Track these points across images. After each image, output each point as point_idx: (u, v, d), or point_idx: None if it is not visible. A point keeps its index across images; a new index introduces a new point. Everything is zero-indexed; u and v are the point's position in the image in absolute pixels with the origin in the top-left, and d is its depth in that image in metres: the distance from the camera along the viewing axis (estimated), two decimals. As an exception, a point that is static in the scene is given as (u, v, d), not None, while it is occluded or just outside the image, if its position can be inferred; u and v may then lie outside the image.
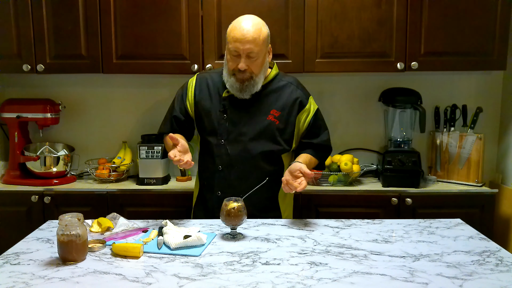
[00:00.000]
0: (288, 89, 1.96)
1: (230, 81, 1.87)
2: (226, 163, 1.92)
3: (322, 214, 2.43)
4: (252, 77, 1.85)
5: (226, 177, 1.93)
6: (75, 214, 1.47)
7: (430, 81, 2.75)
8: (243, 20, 1.84)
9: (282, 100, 1.94)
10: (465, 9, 2.41)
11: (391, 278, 1.33)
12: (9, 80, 2.81)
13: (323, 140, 2.02)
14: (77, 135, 2.84)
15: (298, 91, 1.97)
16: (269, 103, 1.93)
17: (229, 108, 1.92)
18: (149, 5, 2.45)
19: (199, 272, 1.37)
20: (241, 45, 1.79)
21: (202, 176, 2.03)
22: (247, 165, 1.91)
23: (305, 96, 1.99)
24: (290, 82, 1.98)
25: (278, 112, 1.92)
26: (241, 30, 1.80)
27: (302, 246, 1.58)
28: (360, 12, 2.43)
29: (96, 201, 2.48)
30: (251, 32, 1.80)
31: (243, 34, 1.79)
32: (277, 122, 1.92)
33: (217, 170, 1.94)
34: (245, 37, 1.79)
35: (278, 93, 1.95)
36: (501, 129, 2.76)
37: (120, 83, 2.80)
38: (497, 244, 1.59)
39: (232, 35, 1.82)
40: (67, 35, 2.49)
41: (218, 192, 1.94)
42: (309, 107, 1.98)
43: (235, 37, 1.80)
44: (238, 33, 1.80)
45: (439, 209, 2.44)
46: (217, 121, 1.93)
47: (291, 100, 1.94)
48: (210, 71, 2.07)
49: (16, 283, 1.30)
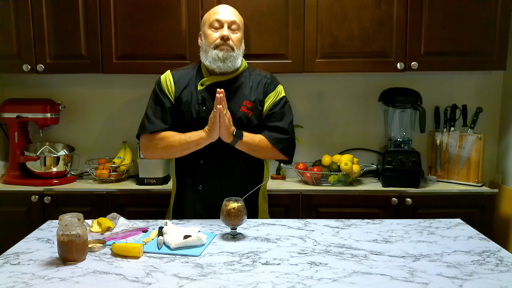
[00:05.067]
0: (257, 79, 2.00)
1: (213, 54, 1.89)
2: (207, 155, 1.91)
3: (322, 214, 2.43)
4: (233, 49, 1.90)
5: (207, 170, 1.92)
6: (75, 214, 1.47)
7: (430, 81, 2.75)
8: (220, 4, 2.03)
9: (254, 91, 1.97)
10: (465, 9, 2.41)
11: (391, 278, 1.33)
12: (9, 80, 2.81)
13: (280, 123, 1.95)
14: (77, 135, 2.85)
15: (266, 79, 2.00)
16: (242, 94, 1.95)
17: (208, 99, 1.93)
18: (149, 5, 2.45)
19: (199, 272, 1.37)
20: (224, 16, 1.91)
21: (181, 173, 2.00)
22: (227, 157, 1.91)
23: (274, 83, 2.02)
24: (259, 73, 2.03)
25: (250, 103, 1.94)
26: (223, 7, 1.97)
27: (302, 246, 1.58)
28: (360, 12, 2.43)
29: (96, 201, 2.48)
30: (231, 8, 1.97)
31: (225, 9, 1.95)
32: (250, 113, 1.94)
33: (198, 164, 1.93)
34: (227, 11, 1.94)
35: (250, 84, 1.97)
36: (501, 129, 2.77)
37: (120, 83, 2.80)
38: (497, 244, 1.59)
39: (212, 11, 1.95)
40: (67, 35, 2.49)
41: (200, 186, 1.94)
42: (275, 93, 1.99)
43: (216, 11, 1.93)
44: (220, 8, 1.95)
45: (439, 209, 2.44)
46: (196, 114, 1.92)
47: (261, 88, 1.98)
48: (180, 68, 2.06)
49: (16, 283, 1.31)
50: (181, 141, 1.87)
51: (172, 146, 1.89)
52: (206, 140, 1.85)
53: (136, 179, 2.67)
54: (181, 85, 1.96)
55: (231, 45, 1.89)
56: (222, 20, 1.90)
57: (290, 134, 1.96)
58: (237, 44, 1.92)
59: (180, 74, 2.00)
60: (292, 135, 1.98)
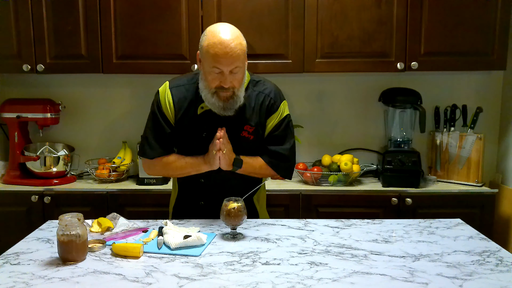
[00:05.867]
0: (259, 99, 1.83)
1: (212, 100, 1.72)
2: (207, 177, 1.87)
3: (322, 214, 2.43)
4: (235, 93, 1.71)
5: (208, 188, 1.89)
6: (75, 214, 1.47)
7: (430, 81, 2.75)
8: (221, 33, 1.65)
9: (255, 114, 1.82)
10: (465, 9, 2.42)
11: (391, 278, 1.33)
12: (9, 80, 2.81)
13: (281, 149, 1.85)
14: (77, 135, 2.85)
15: (269, 99, 1.83)
16: (243, 118, 1.81)
17: (207, 123, 1.81)
18: (149, 5, 2.45)
19: (199, 272, 1.37)
20: (225, 63, 1.64)
21: (182, 185, 1.96)
22: (228, 176, 1.85)
23: (278, 103, 1.85)
24: (262, 92, 1.84)
25: (252, 127, 1.82)
26: (223, 47, 1.63)
27: (302, 246, 1.58)
28: (360, 12, 2.43)
29: (96, 201, 2.48)
30: (233, 47, 1.63)
31: (226, 52, 1.63)
32: (251, 138, 1.82)
33: (199, 182, 1.89)
34: (229, 54, 1.63)
35: (251, 107, 1.81)
36: (501, 129, 2.77)
37: (120, 83, 2.81)
38: (497, 244, 1.59)
39: (212, 52, 1.64)
40: (67, 35, 2.49)
41: (201, 202, 1.92)
42: (278, 113, 1.84)
43: (217, 55, 1.63)
44: (220, 50, 1.63)
45: (439, 209, 2.44)
46: (196, 139, 1.83)
47: (263, 111, 1.83)
48: (181, 79, 1.87)
49: (16, 283, 1.30)
50: (182, 168, 1.84)
51: (172, 170, 1.87)
52: (206, 169, 1.81)
53: (136, 179, 2.67)
54: (181, 107, 1.82)
55: (232, 89, 1.71)
56: (223, 68, 1.65)
57: (290, 160, 1.89)
58: (239, 84, 1.72)
59: (179, 92, 1.83)
60: (292, 160, 1.90)
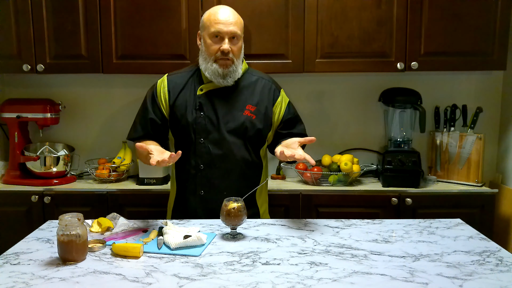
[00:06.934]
0: (260, 83, 1.97)
1: (213, 68, 1.86)
2: (208, 162, 1.91)
3: (322, 214, 2.43)
4: (234, 62, 1.86)
5: (208, 175, 1.92)
6: (75, 214, 1.47)
7: (430, 81, 2.75)
8: (221, 7, 1.89)
9: (256, 95, 1.95)
10: (465, 9, 2.41)
11: (391, 278, 1.33)
12: (9, 80, 2.81)
13: (302, 129, 2.02)
14: (77, 135, 2.85)
15: (270, 84, 1.99)
16: (244, 98, 1.93)
17: (205, 105, 1.91)
18: (149, 5, 2.45)
19: (199, 272, 1.37)
20: (225, 27, 1.83)
21: (181, 178, 1.99)
22: (228, 162, 1.91)
23: (277, 89, 2.00)
24: (261, 77, 2.00)
25: (253, 107, 1.93)
26: (223, 14, 1.85)
27: (302, 246, 1.58)
28: (360, 12, 2.43)
29: (96, 201, 2.48)
30: (232, 15, 1.87)
31: (226, 17, 1.85)
32: (254, 117, 1.92)
33: (199, 169, 1.92)
34: (228, 20, 1.84)
35: (252, 88, 1.95)
36: (501, 129, 2.77)
37: (120, 83, 2.81)
38: (497, 244, 1.59)
39: (213, 18, 1.85)
40: (67, 35, 2.49)
41: (201, 191, 1.93)
42: (281, 99, 1.99)
43: (217, 20, 1.84)
44: (221, 16, 1.85)
45: (439, 209, 2.44)
46: (194, 120, 1.91)
47: (265, 94, 1.96)
48: (178, 71, 2.03)
49: (16, 283, 1.30)
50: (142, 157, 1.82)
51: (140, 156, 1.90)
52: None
53: (136, 179, 2.67)
54: (177, 90, 1.94)
55: (232, 57, 1.86)
56: (223, 32, 1.83)
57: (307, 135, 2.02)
58: (238, 54, 1.89)
59: (176, 79, 1.98)
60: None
